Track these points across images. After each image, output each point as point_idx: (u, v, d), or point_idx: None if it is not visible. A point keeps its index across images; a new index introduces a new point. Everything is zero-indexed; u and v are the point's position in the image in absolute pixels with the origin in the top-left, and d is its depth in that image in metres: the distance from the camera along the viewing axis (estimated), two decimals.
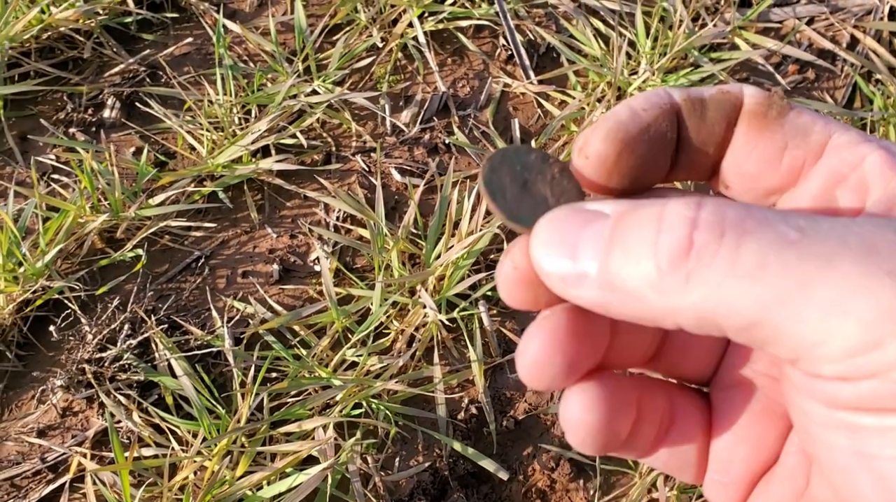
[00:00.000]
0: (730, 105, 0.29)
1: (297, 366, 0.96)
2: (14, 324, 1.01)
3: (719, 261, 0.22)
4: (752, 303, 0.22)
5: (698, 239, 0.23)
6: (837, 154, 0.27)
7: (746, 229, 0.23)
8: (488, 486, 0.94)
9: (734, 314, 0.22)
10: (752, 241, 0.22)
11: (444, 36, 1.30)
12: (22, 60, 1.22)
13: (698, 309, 0.23)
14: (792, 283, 0.22)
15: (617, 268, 0.24)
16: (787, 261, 0.22)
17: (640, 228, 0.24)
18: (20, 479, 0.93)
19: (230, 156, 1.13)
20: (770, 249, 0.22)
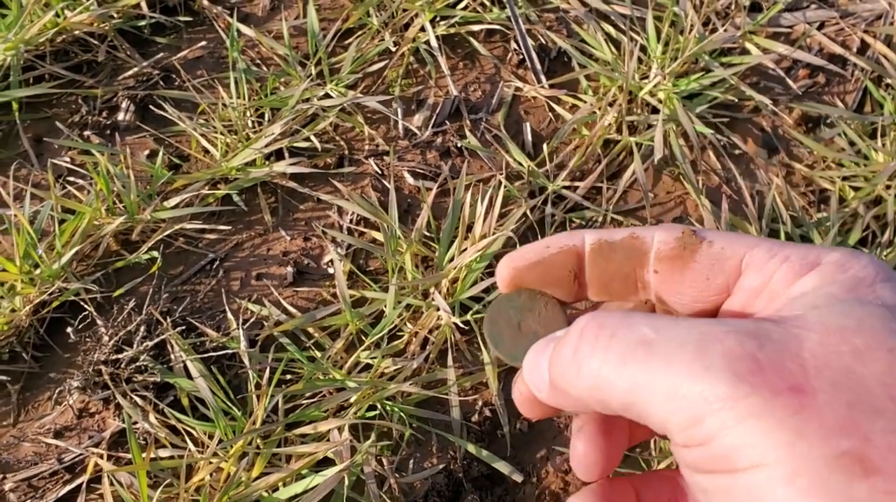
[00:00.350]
0: (635, 250, 0.36)
1: (311, 367, 0.97)
2: (31, 326, 1.02)
3: (595, 356, 0.30)
4: (621, 390, 0.29)
5: (581, 344, 0.31)
6: (751, 275, 0.33)
7: (615, 333, 0.30)
8: (502, 488, 0.95)
9: (613, 396, 0.30)
10: (617, 342, 0.30)
11: (455, 40, 1.30)
12: (37, 63, 1.23)
13: (591, 392, 0.31)
14: (643, 376, 0.29)
15: (552, 375, 0.33)
16: (639, 359, 0.29)
17: (559, 344, 0.33)
18: (37, 480, 0.94)
19: (244, 159, 1.13)
20: (629, 348, 0.29)
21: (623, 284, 0.37)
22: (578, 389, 0.31)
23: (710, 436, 0.27)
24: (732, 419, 0.27)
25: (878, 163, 1.16)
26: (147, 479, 0.88)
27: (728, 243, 0.34)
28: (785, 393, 0.27)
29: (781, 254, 0.33)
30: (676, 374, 0.28)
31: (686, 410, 0.28)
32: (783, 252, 0.33)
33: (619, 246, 0.36)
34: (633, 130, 1.20)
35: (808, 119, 1.24)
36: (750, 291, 0.33)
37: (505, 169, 1.16)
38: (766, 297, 0.33)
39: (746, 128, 1.23)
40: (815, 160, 1.21)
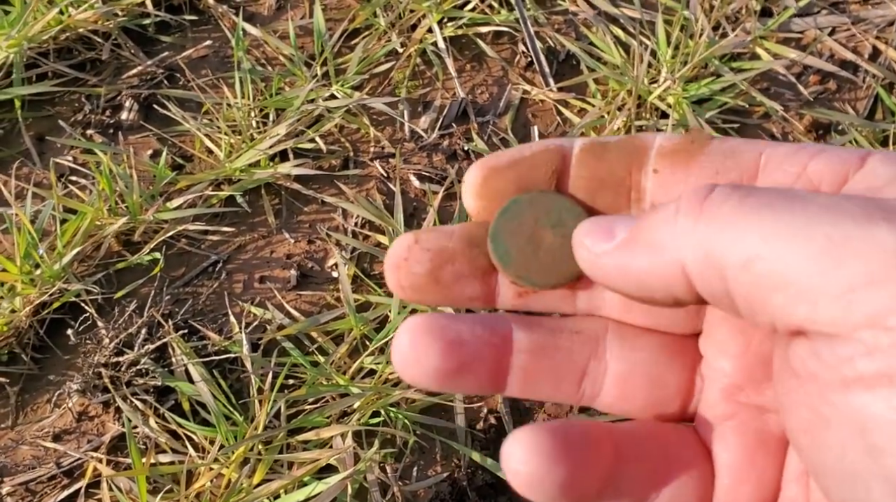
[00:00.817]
0: (633, 147, 0.29)
1: (314, 372, 0.95)
2: (30, 327, 1.00)
3: (730, 202, 0.23)
4: (757, 236, 0.22)
5: (715, 191, 0.24)
6: (778, 167, 0.26)
7: (759, 186, 0.24)
8: (506, 497, 0.93)
9: (738, 246, 0.22)
10: (761, 191, 0.23)
11: (463, 42, 1.29)
12: (40, 61, 1.22)
13: (707, 244, 0.23)
14: (798, 220, 0.22)
15: (639, 227, 0.26)
16: (793, 204, 0.22)
17: (664, 206, 0.26)
18: (35, 484, 0.92)
19: (248, 160, 1.12)
20: (778, 195, 0.23)
21: (614, 193, 0.29)
22: (684, 240, 0.24)
23: (885, 308, 0.20)
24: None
25: None
26: (147, 485, 0.86)
27: (744, 141, 0.28)
28: None
29: (812, 147, 0.26)
30: (844, 217, 0.21)
31: (852, 263, 0.20)
32: (814, 146, 0.26)
33: (615, 146, 0.29)
34: None
35: (819, 125, 1.23)
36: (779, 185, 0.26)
37: None
38: None
39: (756, 133, 1.22)
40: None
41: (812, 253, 0.21)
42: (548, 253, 0.30)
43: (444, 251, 0.29)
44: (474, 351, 0.28)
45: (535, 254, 0.30)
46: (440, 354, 0.28)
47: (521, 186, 0.30)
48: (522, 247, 0.30)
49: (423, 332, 0.28)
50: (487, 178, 0.30)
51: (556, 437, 0.26)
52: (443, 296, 0.30)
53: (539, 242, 0.30)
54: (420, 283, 0.29)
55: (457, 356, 0.28)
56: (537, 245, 0.30)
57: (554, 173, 0.30)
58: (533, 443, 0.26)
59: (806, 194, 0.22)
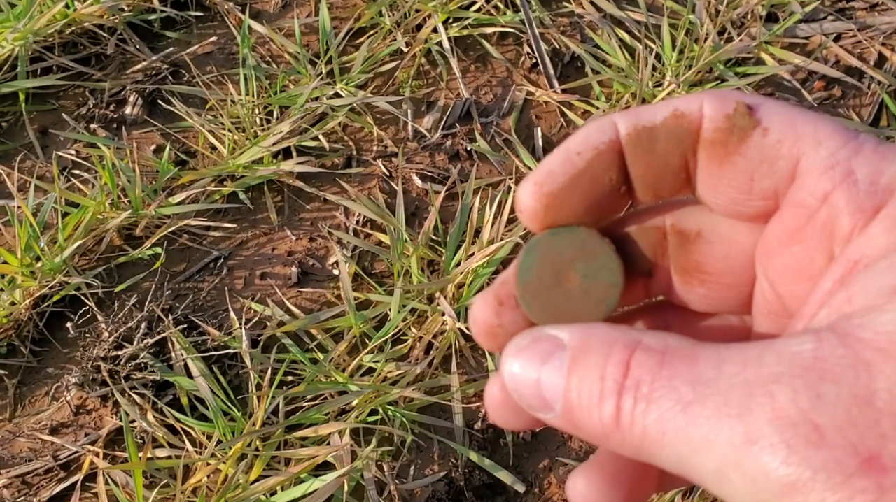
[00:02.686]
0: (683, 132, 0.27)
1: (313, 369, 0.95)
2: (30, 320, 1.00)
3: (637, 421, 0.23)
4: (669, 459, 0.23)
5: (623, 401, 0.24)
6: (805, 185, 0.25)
7: (652, 398, 0.23)
8: (503, 498, 0.93)
9: (661, 461, 0.24)
10: (654, 411, 0.23)
11: (468, 42, 1.29)
12: (45, 55, 1.22)
13: (634, 451, 0.24)
14: (686, 449, 0.22)
15: (574, 416, 0.25)
16: (679, 429, 0.22)
17: (584, 391, 0.25)
18: (32, 477, 0.92)
19: (251, 156, 1.12)
20: (667, 417, 0.23)
21: (673, 179, 0.28)
22: (615, 443, 0.25)
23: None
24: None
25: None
26: (143, 479, 0.86)
27: (786, 134, 0.26)
28: (858, 474, 0.20)
29: (844, 166, 0.25)
30: (721, 450, 0.22)
31: (741, 498, 0.22)
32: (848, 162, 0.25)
33: (662, 131, 0.27)
34: None
35: None
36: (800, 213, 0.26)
37: (515, 174, 1.15)
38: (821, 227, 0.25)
39: None
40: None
41: (712, 473, 0.22)
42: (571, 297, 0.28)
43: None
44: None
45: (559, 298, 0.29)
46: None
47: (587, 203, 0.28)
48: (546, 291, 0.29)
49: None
50: (549, 208, 0.28)
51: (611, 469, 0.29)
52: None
53: (564, 285, 0.28)
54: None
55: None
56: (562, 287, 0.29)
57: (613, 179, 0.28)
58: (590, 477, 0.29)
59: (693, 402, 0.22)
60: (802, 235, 0.26)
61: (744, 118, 0.26)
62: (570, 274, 0.28)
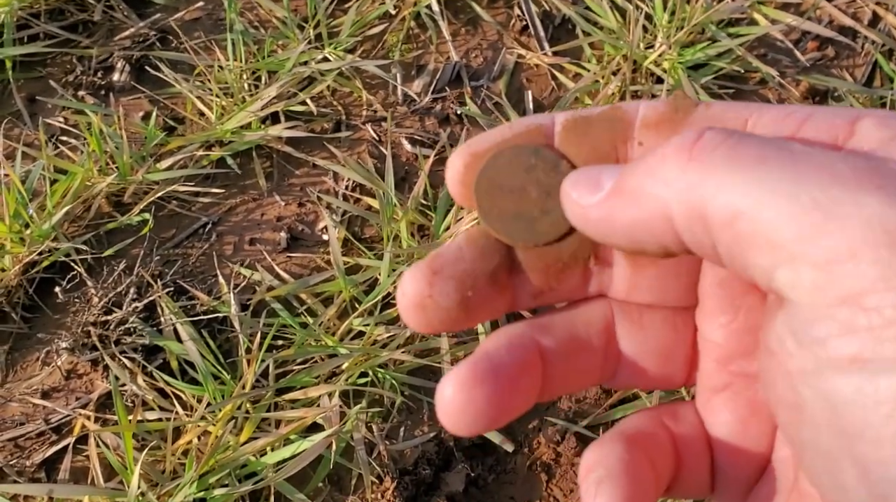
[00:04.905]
0: (616, 120, 0.28)
1: (303, 333, 0.95)
2: (20, 286, 1.00)
3: (720, 150, 0.22)
4: (742, 191, 0.21)
5: (706, 135, 0.23)
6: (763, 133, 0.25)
7: (747, 136, 0.22)
8: (493, 458, 0.94)
9: (722, 200, 0.21)
10: (754, 140, 0.22)
11: (457, 5, 1.28)
12: (31, 22, 1.21)
13: (692, 194, 0.22)
14: (787, 178, 0.21)
15: (626, 175, 0.25)
16: (785, 160, 0.21)
17: (653, 152, 0.24)
18: (23, 440, 0.93)
19: (239, 122, 1.12)
20: (773, 147, 0.22)
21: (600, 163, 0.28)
22: (669, 190, 0.23)
23: (862, 287, 0.19)
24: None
25: None
26: (134, 441, 0.87)
27: (730, 106, 0.26)
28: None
29: (801, 112, 0.25)
30: (833, 181, 0.20)
31: (835, 231, 0.19)
32: (803, 110, 0.25)
33: (597, 119, 0.28)
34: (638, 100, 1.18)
35: (816, 92, 1.21)
36: None
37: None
38: None
39: (752, 99, 1.21)
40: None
41: (796, 216, 0.20)
42: (537, 208, 0.29)
43: (465, 274, 0.28)
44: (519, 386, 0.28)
45: (525, 211, 0.29)
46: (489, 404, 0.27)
47: None
48: (510, 207, 0.29)
49: (473, 385, 0.26)
50: (469, 165, 0.29)
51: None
52: (470, 322, 0.28)
53: (524, 199, 0.29)
54: (452, 317, 0.27)
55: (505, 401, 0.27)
56: (524, 202, 0.29)
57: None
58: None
59: (803, 149, 0.21)
60: None
61: (685, 100, 0.27)
62: (527, 188, 0.29)
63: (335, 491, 0.91)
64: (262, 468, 0.88)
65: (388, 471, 0.90)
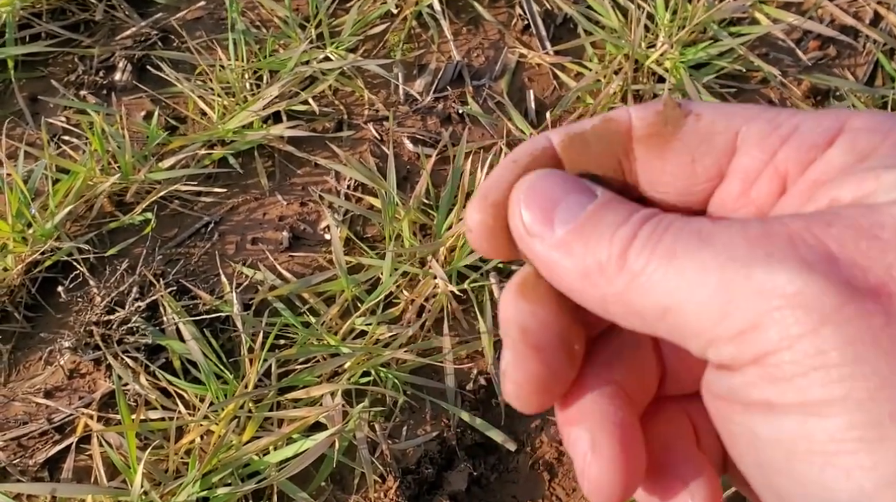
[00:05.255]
0: (612, 133, 0.28)
1: (305, 333, 0.96)
2: (23, 285, 1.01)
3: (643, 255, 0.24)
4: (664, 289, 0.24)
5: (632, 249, 0.25)
6: (748, 152, 0.26)
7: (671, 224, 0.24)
8: (495, 457, 0.94)
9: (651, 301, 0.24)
10: (670, 235, 0.24)
11: (459, 4, 1.28)
12: (33, 21, 1.21)
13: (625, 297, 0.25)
14: (691, 267, 0.23)
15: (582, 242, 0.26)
16: (690, 248, 0.23)
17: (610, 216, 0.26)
18: (27, 439, 0.93)
19: (241, 121, 1.12)
20: (681, 239, 0.24)
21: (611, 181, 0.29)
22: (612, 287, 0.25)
23: (767, 350, 0.22)
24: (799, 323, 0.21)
25: None
26: (137, 440, 0.87)
27: (720, 115, 0.27)
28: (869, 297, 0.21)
29: (788, 124, 0.26)
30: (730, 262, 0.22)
31: (737, 309, 0.22)
32: (790, 121, 0.26)
33: (592, 135, 0.28)
34: (639, 99, 1.18)
35: (817, 91, 1.21)
36: (747, 173, 0.27)
37: (507, 136, 1.14)
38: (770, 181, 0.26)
39: (754, 99, 1.21)
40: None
41: (707, 303, 0.23)
42: None
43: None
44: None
45: None
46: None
47: None
48: None
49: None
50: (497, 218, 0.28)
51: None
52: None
53: None
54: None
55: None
56: None
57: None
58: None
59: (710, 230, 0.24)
60: (748, 197, 0.27)
61: (674, 110, 0.27)
62: None
63: (338, 490, 0.91)
64: (265, 467, 0.88)
65: (390, 470, 0.90)
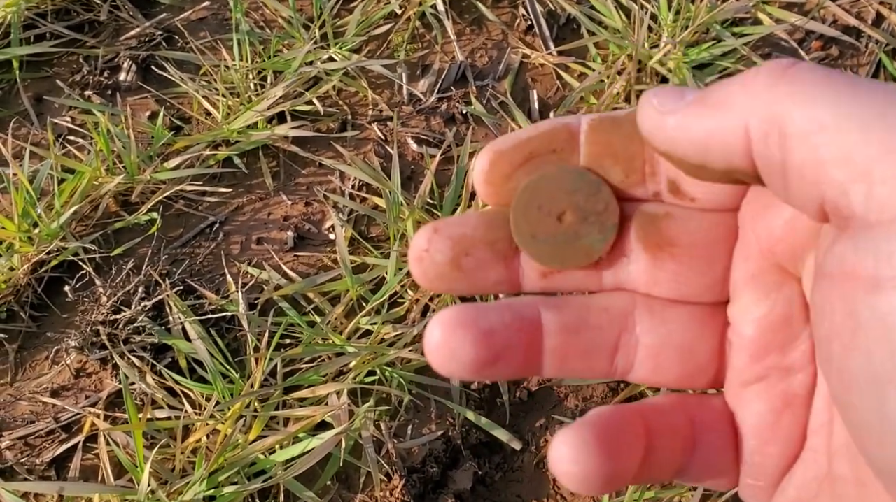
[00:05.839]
0: None
1: (311, 332, 0.96)
2: (29, 285, 1.01)
3: (816, 73, 0.22)
4: (830, 107, 0.21)
5: (800, 63, 0.23)
6: None
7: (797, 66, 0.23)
8: (500, 456, 0.94)
9: (807, 113, 0.22)
10: (848, 74, 0.22)
11: (462, 4, 1.28)
12: (38, 22, 1.21)
13: (777, 105, 0.22)
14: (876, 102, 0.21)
15: (713, 88, 0.25)
16: (874, 91, 0.21)
17: (745, 71, 0.24)
18: (34, 438, 0.94)
19: (246, 121, 1.12)
20: (863, 82, 0.22)
21: (627, 170, 0.29)
22: (754, 102, 0.23)
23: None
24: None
25: None
26: (143, 439, 0.87)
27: None
28: None
29: None
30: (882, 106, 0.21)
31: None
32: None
33: (626, 119, 0.28)
34: None
35: None
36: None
37: None
38: None
39: None
40: None
41: (878, 134, 0.21)
42: (571, 232, 0.29)
43: (464, 238, 0.29)
44: (507, 338, 0.28)
45: (559, 234, 0.29)
46: (475, 346, 0.28)
47: (530, 168, 0.29)
48: (545, 228, 0.29)
49: (455, 326, 0.28)
50: (495, 163, 0.29)
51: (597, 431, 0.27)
52: (467, 284, 0.29)
53: (562, 221, 0.29)
54: (443, 272, 0.29)
55: (491, 346, 0.28)
56: (560, 225, 0.29)
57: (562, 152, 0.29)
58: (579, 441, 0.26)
59: (854, 79, 0.22)
60: None
61: None
62: (565, 211, 0.29)
63: (343, 489, 0.91)
64: (271, 466, 0.88)
65: (396, 469, 0.90)
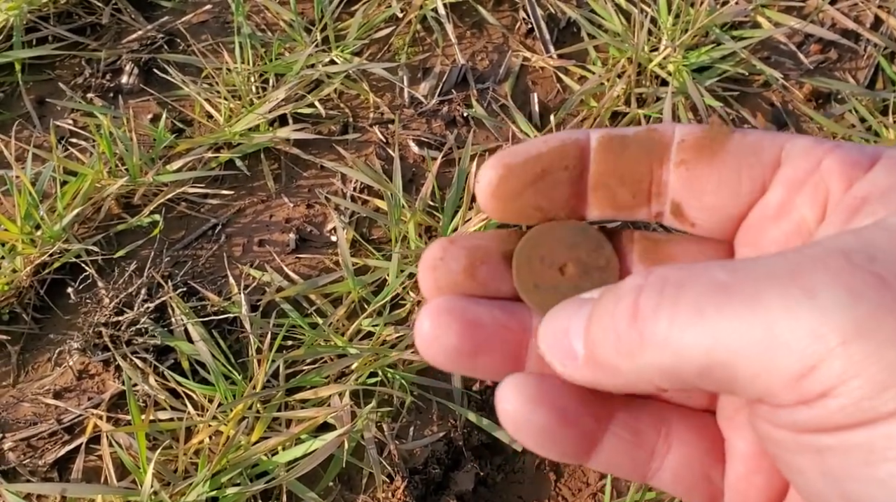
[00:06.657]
0: (654, 142, 0.29)
1: (313, 334, 0.96)
2: (31, 287, 1.01)
3: (661, 317, 0.23)
4: (697, 351, 0.23)
5: (643, 302, 0.24)
6: (792, 162, 0.27)
7: (683, 283, 0.23)
8: (502, 457, 0.94)
9: (688, 362, 0.23)
10: (687, 293, 0.23)
11: (463, 8, 1.29)
12: (40, 25, 1.22)
13: (657, 365, 0.24)
14: (726, 325, 0.22)
15: (594, 347, 0.26)
16: (719, 304, 0.22)
17: (605, 304, 0.25)
18: (36, 440, 0.94)
19: (247, 124, 1.12)
20: (703, 295, 0.23)
21: (634, 191, 0.29)
22: (639, 363, 0.24)
23: (832, 385, 0.21)
24: (863, 354, 0.20)
25: (889, 140, 1.15)
26: (146, 441, 0.87)
27: (765, 134, 0.28)
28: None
29: (830, 143, 0.26)
30: (769, 311, 0.21)
31: (791, 357, 0.21)
32: (832, 142, 0.26)
33: (634, 139, 0.29)
34: (642, 103, 1.19)
35: (819, 94, 1.22)
36: (791, 183, 0.27)
37: (511, 139, 1.15)
38: (813, 192, 0.26)
39: (756, 102, 1.22)
40: (825, 136, 1.19)
41: (753, 354, 0.22)
42: (573, 285, 0.30)
43: (479, 248, 0.30)
44: (492, 333, 0.29)
45: (560, 285, 0.30)
46: (458, 334, 0.28)
47: (540, 189, 0.29)
48: (547, 279, 0.30)
49: (442, 312, 0.29)
50: (504, 178, 0.29)
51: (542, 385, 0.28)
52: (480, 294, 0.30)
53: (563, 273, 0.30)
54: (457, 281, 0.29)
55: (473, 336, 0.29)
56: (562, 276, 0.30)
57: (568, 168, 0.29)
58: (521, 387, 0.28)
59: (732, 281, 0.23)
60: (791, 205, 0.27)
61: (720, 128, 0.28)
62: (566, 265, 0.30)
63: (346, 490, 0.91)
64: (274, 467, 0.89)
65: (398, 471, 0.91)
